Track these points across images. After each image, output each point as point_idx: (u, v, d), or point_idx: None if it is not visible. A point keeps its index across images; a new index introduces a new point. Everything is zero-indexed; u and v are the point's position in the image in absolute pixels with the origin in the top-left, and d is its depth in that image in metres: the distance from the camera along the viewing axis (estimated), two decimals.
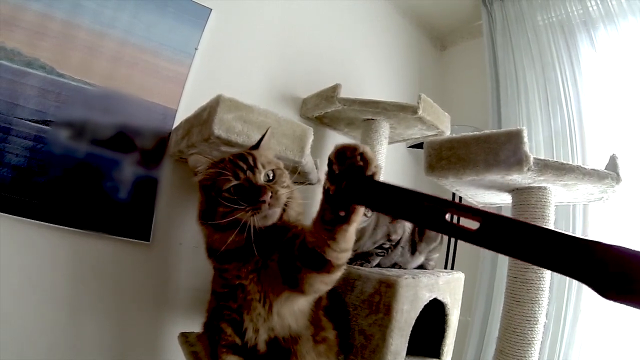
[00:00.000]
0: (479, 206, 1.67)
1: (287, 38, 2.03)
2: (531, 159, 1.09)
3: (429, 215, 0.41)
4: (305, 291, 0.88)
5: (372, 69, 2.49)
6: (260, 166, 0.94)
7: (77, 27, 1.39)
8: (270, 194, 0.89)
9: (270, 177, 0.95)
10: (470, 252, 2.34)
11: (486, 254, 2.22)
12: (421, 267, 1.51)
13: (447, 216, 0.41)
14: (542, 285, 1.26)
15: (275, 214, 0.92)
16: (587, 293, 1.90)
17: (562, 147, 2.08)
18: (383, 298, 1.13)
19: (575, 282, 1.93)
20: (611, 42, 2.02)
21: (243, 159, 0.94)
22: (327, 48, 2.22)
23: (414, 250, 1.42)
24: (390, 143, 1.92)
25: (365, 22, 2.47)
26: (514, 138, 1.11)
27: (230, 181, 0.91)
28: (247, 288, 0.93)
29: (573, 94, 2.13)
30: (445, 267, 2.31)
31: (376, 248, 1.33)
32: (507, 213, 1.86)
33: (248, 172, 0.92)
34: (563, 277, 1.87)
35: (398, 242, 1.37)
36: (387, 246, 1.35)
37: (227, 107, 1.08)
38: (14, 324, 1.27)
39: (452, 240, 2.34)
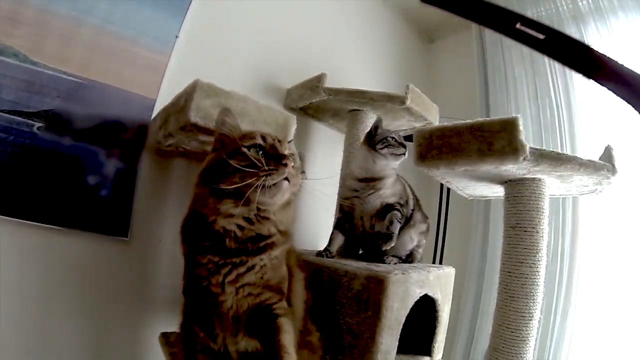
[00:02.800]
0: (470, 197, 1.66)
1: (271, 27, 1.97)
2: (527, 148, 1.04)
3: (503, 21, 0.48)
4: None
5: (358, 61, 2.44)
6: (285, 145, 0.90)
7: (53, 14, 1.32)
8: (292, 164, 0.84)
9: None
10: (458, 246, 2.31)
11: (475, 248, 2.19)
12: (408, 259, 1.47)
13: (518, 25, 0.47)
14: (536, 280, 1.22)
15: (287, 190, 0.85)
16: (577, 287, 1.89)
17: (552, 140, 2.06)
18: (372, 295, 1.08)
19: (565, 277, 1.92)
20: (601, 38, 2.00)
21: (269, 134, 0.91)
22: (312, 39, 2.16)
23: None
24: None
25: (352, 13, 2.42)
26: (509, 126, 1.06)
27: (255, 139, 0.86)
28: (213, 291, 0.85)
29: (562, 87, 2.11)
30: (434, 262, 2.27)
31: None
32: (499, 206, 1.85)
33: (275, 141, 0.88)
34: (552, 271, 1.89)
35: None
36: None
37: (205, 92, 1.02)
38: None
39: (440, 235, 2.31)
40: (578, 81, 2.07)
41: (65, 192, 1.33)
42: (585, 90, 2.05)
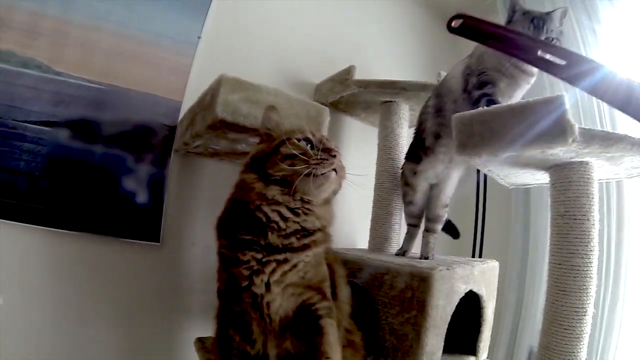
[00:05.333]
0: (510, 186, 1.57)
1: (295, 23, 1.92)
2: (576, 129, 0.96)
3: (526, 49, 0.49)
4: None
5: (384, 52, 2.37)
6: (332, 142, 0.89)
7: (71, 24, 1.34)
8: (341, 157, 0.84)
9: None
10: (498, 238, 2.22)
11: (516, 239, 2.10)
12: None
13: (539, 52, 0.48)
14: (590, 272, 1.13)
15: (334, 182, 0.84)
16: (625, 278, 1.79)
17: (590, 117, 1.94)
18: (416, 293, 1.02)
19: (612, 268, 1.82)
20: (633, 2, 1.90)
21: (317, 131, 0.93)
22: (337, 32, 2.11)
23: None
24: (410, 127, 1.79)
25: (376, 3, 2.34)
26: (555, 105, 0.97)
27: (305, 133, 0.86)
28: (256, 292, 0.81)
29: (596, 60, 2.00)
30: (473, 256, 2.19)
31: None
32: (539, 194, 1.77)
33: (323, 137, 0.87)
34: (598, 261, 1.80)
35: None
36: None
37: (231, 87, 0.98)
38: (19, 334, 1.23)
39: (479, 226, 2.24)
40: (612, 53, 1.96)
41: (97, 199, 1.34)
42: (620, 61, 1.93)
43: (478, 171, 2.19)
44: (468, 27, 0.52)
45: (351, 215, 1.83)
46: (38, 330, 1.25)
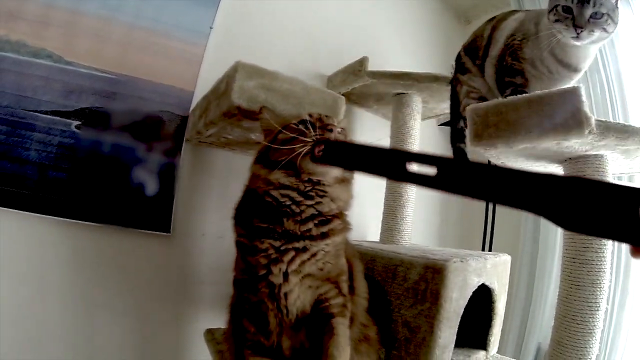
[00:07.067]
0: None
1: (307, 14, 1.91)
2: (592, 120, 0.94)
3: (392, 167, 0.43)
4: None
5: (396, 45, 2.35)
6: (334, 119, 0.86)
7: (83, 14, 1.33)
8: (339, 130, 0.81)
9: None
10: (508, 232, 2.21)
11: (526, 233, 2.08)
12: None
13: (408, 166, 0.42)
14: (603, 266, 1.11)
15: None
16: (635, 273, 1.77)
17: (604, 116, 1.93)
18: (430, 285, 1.02)
19: (622, 265, 1.80)
20: None
21: (317, 112, 0.89)
22: (351, 23, 2.09)
23: None
24: (423, 119, 1.80)
25: None
26: (571, 97, 0.96)
27: (301, 116, 0.84)
28: (273, 282, 0.80)
29: (612, 60, 1.97)
30: (483, 249, 2.18)
31: None
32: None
33: (322, 116, 0.85)
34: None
35: None
36: None
37: (248, 73, 0.97)
38: (28, 323, 1.23)
39: (490, 219, 2.22)
40: (628, 52, 1.93)
41: (108, 189, 1.34)
42: (635, 62, 1.91)
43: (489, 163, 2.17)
44: (331, 152, 0.49)
45: (362, 207, 1.82)
46: (48, 320, 1.25)
